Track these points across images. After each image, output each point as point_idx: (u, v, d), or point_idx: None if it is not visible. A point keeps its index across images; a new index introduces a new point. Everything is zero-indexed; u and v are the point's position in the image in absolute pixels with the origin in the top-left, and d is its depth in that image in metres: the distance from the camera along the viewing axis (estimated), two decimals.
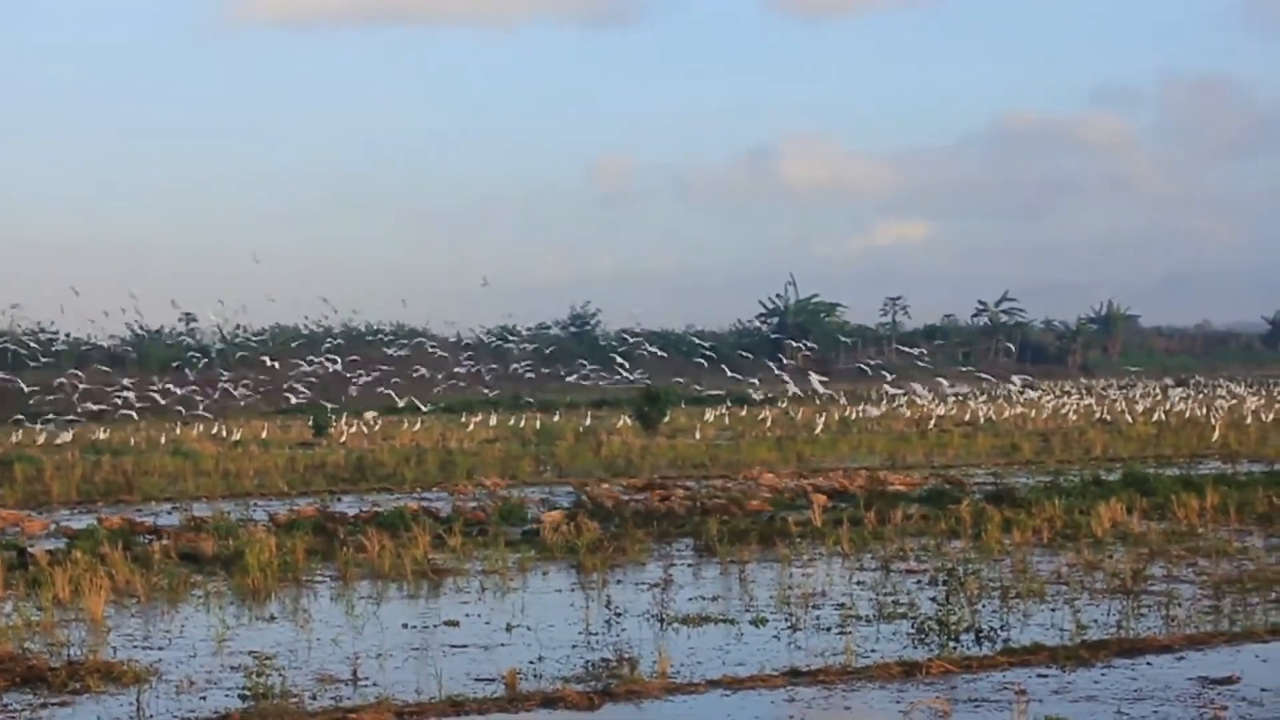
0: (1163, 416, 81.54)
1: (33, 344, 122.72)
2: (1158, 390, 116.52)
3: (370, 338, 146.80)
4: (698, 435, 72.32)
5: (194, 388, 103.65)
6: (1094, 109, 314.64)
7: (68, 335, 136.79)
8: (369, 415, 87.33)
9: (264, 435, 78.07)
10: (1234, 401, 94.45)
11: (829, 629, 24.52)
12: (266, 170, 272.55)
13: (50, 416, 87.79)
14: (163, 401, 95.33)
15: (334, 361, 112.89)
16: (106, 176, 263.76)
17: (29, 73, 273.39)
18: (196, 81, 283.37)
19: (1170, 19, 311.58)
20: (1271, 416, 78.86)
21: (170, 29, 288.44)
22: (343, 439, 74.90)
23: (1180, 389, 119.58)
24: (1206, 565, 30.47)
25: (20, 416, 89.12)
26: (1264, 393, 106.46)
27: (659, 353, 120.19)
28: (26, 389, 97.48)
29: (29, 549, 33.10)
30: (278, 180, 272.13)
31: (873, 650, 22.71)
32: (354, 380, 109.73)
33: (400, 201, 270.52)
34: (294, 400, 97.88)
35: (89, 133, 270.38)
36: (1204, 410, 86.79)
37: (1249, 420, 76.68)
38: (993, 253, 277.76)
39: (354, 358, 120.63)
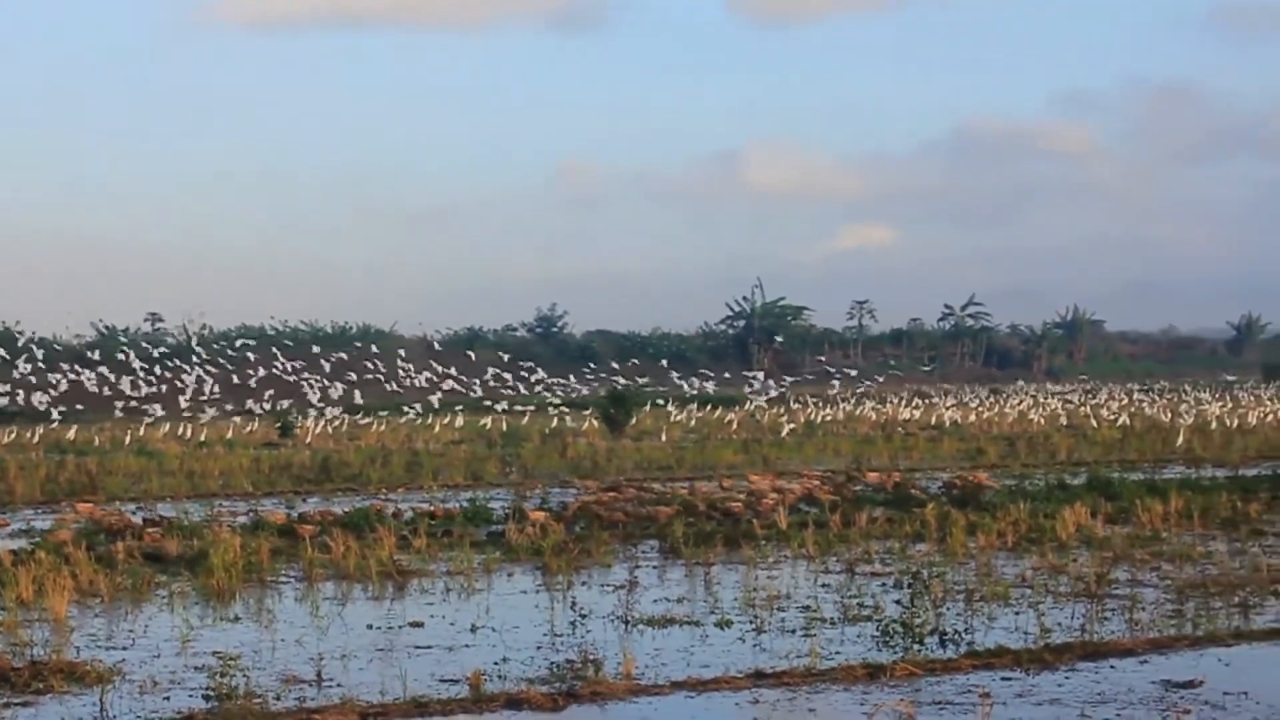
0: (1127, 421, 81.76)
1: None
2: (1123, 395, 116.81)
3: (336, 338, 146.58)
4: (664, 437, 72.38)
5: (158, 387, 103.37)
6: (1057, 115, 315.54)
7: (33, 334, 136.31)
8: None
9: (229, 435, 77.89)
10: (1198, 407, 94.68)
11: (794, 631, 24.54)
12: (232, 171, 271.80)
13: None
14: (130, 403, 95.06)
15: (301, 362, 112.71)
16: (72, 175, 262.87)
17: None
18: (164, 83, 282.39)
19: (1133, 26, 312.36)
20: (1235, 422, 79.15)
21: (139, 30, 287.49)
22: (308, 440, 74.78)
23: (1145, 394, 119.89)
24: (1170, 569, 30.57)
25: None
26: (1228, 398, 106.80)
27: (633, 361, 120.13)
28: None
29: None
30: (243, 181, 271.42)
31: (837, 652, 22.74)
32: (319, 381, 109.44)
33: (364, 203, 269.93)
34: (258, 407, 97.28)
35: (55, 132, 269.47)
36: (1168, 415, 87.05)
37: (1213, 425, 76.96)
38: (958, 258, 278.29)
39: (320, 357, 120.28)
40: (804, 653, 22.49)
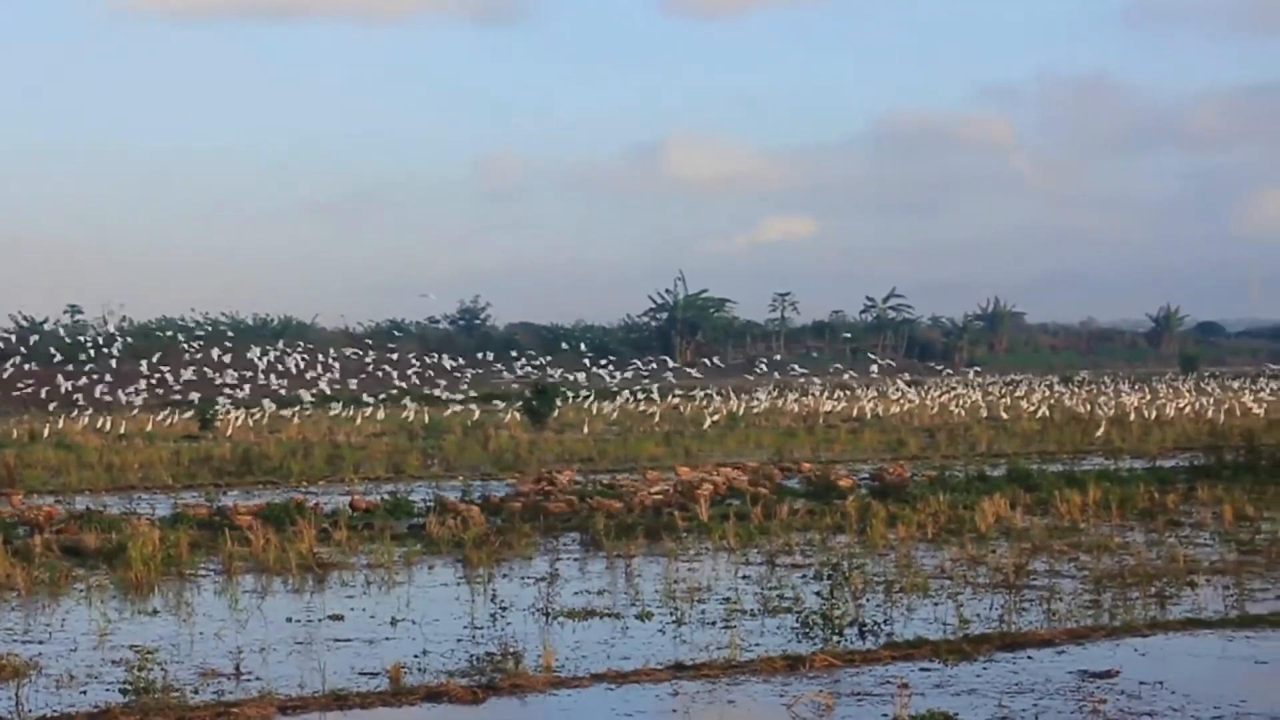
0: (1046, 413, 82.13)
1: None
2: (1044, 387, 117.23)
3: (258, 331, 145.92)
4: (585, 429, 72.31)
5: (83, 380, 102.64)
6: (976, 107, 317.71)
7: None
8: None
9: (149, 428, 77.40)
10: (1117, 399, 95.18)
11: (714, 623, 24.59)
12: (152, 163, 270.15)
13: None
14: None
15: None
16: None
17: None
18: (75, 74, 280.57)
19: (1051, 19, 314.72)
20: (1154, 414, 79.69)
21: (49, 20, 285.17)
22: (229, 432, 74.36)
23: (1066, 385, 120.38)
24: (1088, 560, 30.78)
25: None
26: (1146, 390, 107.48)
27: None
28: None
29: None
30: (164, 174, 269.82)
31: (757, 644, 22.80)
32: (241, 373, 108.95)
33: (289, 195, 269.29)
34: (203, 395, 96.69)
35: None
36: (1087, 407, 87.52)
37: (1131, 417, 77.45)
38: (880, 250, 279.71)
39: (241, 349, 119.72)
40: (724, 644, 22.55)
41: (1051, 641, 22.88)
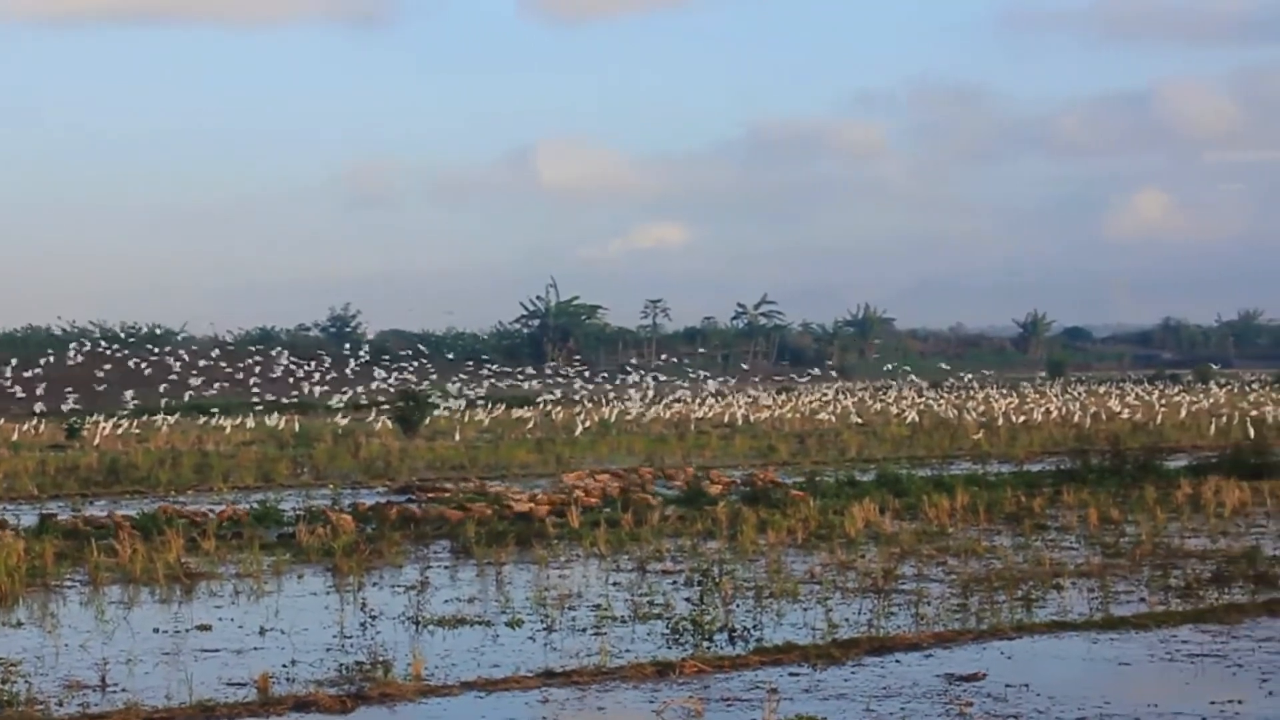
0: (916, 418, 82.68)
1: None
2: (914, 393, 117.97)
3: (126, 338, 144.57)
4: (457, 437, 72.12)
5: None
6: (849, 115, 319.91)
7: None
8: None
9: (14, 438, 76.46)
10: (984, 403, 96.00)
11: (584, 630, 24.61)
12: (17, 169, 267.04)
13: None
14: None
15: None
16: None
17: None
18: None
19: (923, 28, 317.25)
20: (1021, 418, 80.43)
21: None
22: (96, 441, 73.56)
23: (936, 390, 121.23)
24: (956, 564, 31.02)
25: None
26: (1014, 394, 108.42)
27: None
28: None
29: None
30: (30, 181, 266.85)
31: (627, 651, 22.84)
32: (107, 381, 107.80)
33: (155, 202, 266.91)
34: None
35: None
36: (957, 412, 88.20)
37: (999, 421, 78.14)
38: (752, 256, 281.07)
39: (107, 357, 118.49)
40: (594, 651, 22.56)
41: (919, 645, 23.06)
